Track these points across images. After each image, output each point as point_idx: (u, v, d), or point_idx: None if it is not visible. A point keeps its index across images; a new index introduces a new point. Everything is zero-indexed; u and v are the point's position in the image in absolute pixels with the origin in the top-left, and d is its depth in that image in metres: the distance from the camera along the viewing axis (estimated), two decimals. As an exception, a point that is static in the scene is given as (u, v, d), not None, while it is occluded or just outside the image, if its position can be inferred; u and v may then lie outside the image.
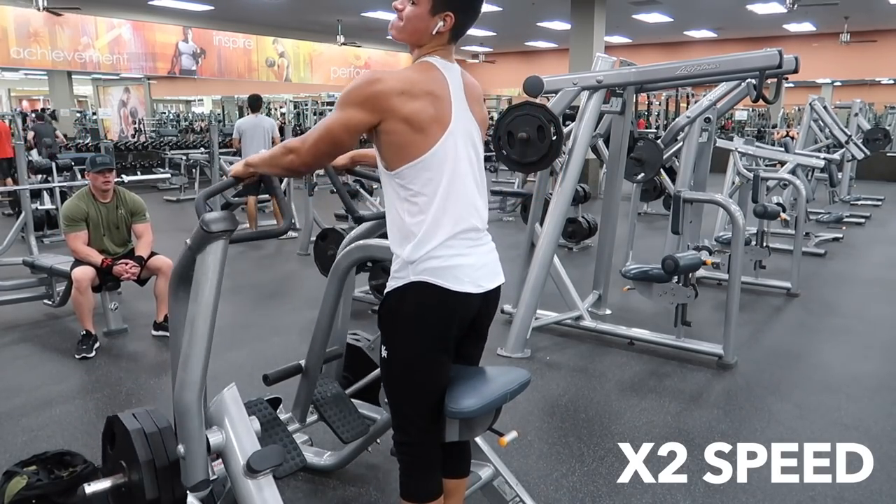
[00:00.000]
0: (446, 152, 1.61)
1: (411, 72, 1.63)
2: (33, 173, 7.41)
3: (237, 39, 16.53)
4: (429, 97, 1.59)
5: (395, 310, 1.66)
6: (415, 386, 1.69)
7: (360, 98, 1.56)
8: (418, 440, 1.74)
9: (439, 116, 1.60)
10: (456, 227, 1.63)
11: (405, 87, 1.57)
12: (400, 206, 1.63)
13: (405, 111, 1.55)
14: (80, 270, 3.92)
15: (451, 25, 1.62)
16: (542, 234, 4.07)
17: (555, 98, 4.06)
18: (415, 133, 1.57)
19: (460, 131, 1.64)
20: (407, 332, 1.65)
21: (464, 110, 1.67)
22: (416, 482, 1.77)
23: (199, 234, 1.66)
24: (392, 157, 1.61)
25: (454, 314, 1.66)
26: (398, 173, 1.60)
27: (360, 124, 1.58)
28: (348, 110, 1.57)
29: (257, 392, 2.46)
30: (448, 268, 1.61)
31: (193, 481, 1.61)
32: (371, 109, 1.56)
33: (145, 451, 1.67)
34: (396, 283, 1.65)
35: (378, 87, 1.55)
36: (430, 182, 1.60)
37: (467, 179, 1.66)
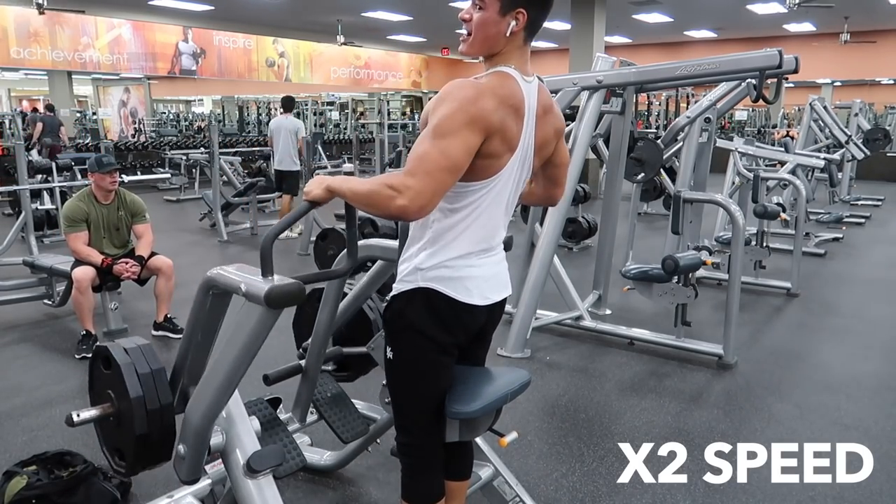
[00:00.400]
0: (509, 176, 1.56)
1: (496, 83, 1.50)
2: (33, 173, 7.41)
3: (237, 39, 16.53)
4: (514, 114, 1.50)
5: (402, 313, 1.64)
6: (418, 388, 1.69)
7: (469, 118, 1.41)
8: (420, 442, 1.74)
9: (517, 137, 1.53)
10: (476, 246, 1.60)
11: (500, 102, 1.46)
12: (433, 213, 1.53)
13: (504, 129, 1.46)
14: (81, 270, 3.92)
15: (524, 23, 1.52)
16: (542, 234, 4.07)
17: (555, 98, 4.06)
18: (507, 152, 1.50)
19: (520, 154, 1.57)
20: (412, 336, 1.64)
21: (531, 130, 1.57)
22: (417, 484, 1.77)
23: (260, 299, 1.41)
24: (468, 172, 1.47)
25: (461, 323, 1.65)
26: (460, 184, 1.49)
27: (476, 147, 1.42)
28: (463, 133, 1.39)
29: (257, 392, 2.45)
30: (458, 278, 1.59)
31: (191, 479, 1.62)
32: (481, 129, 1.42)
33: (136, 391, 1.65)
34: (404, 287, 1.62)
35: (482, 104, 1.42)
36: (472, 203, 1.54)
37: (503, 203, 1.61)
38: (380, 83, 20.76)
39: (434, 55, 21.40)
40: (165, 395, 1.68)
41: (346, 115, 19.90)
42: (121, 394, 1.67)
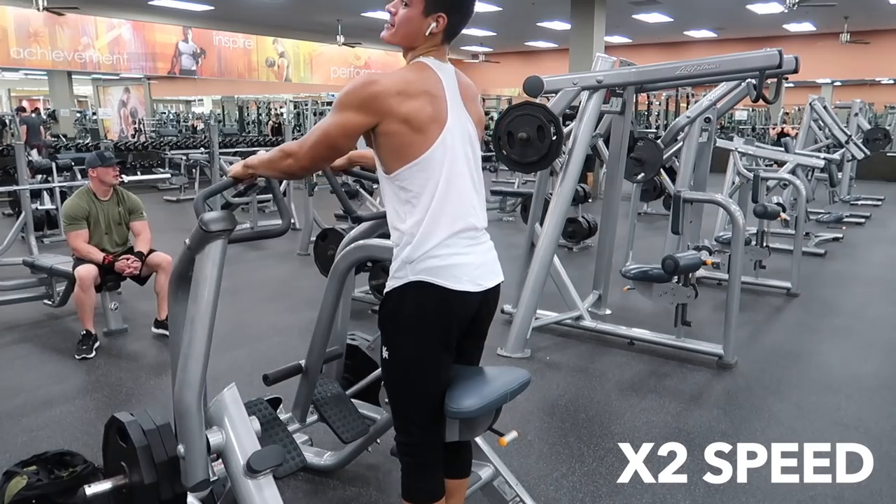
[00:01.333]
0: (444, 152, 1.61)
1: (406, 72, 1.64)
2: (33, 173, 7.41)
3: (237, 39, 16.53)
4: (425, 96, 1.59)
5: (395, 310, 1.66)
6: (416, 386, 1.69)
7: (356, 100, 1.56)
8: (420, 440, 1.74)
9: (436, 116, 1.60)
10: (454, 227, 1.63)
11: (401, 88, 1.57)
12: (399, 207, 1.64)
13: (403, 111, 1.56)
14: (84, 268, 3.92)
15: (443, 26, 1.63)
16: (542, 234, 4.07)
17: (555, 98, 4.06)
18: (414, 133, 1.57)
19: (457, 130, 1.64)
20: (407, 333, 1.65)
21: (460, 109, 1.67)
22: (417, 483, 1.77)
23: (198, 233, 1.66)
24: (391, 160, 1.61)
25: (454, 313, 1.66)
26: (397, 175, 1.61)
27: (358, 127, 1.58)
28: (345, 113, 1.57)
29: (257, 392, 2.45)
30: (447, 266, 1.61)
31: (194, 481, 1.61)
32: (368, 111, 1.56)
33: (141, 441, 1.66)
34: (395, 284, 1.65)
35: (374, 88, 1.55)
36: (428, 182, 1.60)
37: (464, 178, 1.66)
38: (380, 83, 20.69)
39: (434, 55, 21.37)
40: (172, 448, 1.68)
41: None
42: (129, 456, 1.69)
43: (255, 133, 18.22)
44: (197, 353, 1.62)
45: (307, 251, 6.28)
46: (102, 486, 1.73)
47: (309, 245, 6.15)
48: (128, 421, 1.71)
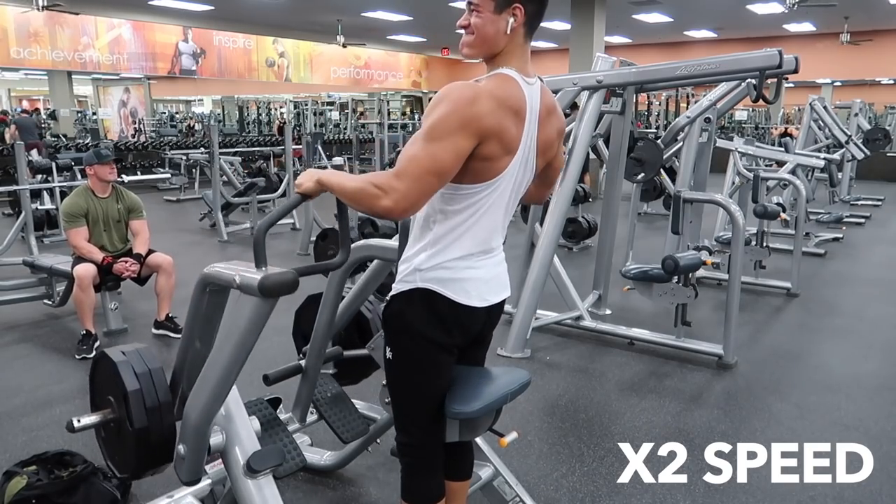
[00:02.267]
0: (511, 178, 1.55)
1: (495, 85, 1.49)
2: (33, 173, 7.41)
3: (237, 39, 16.53)
4: (514, 116, 1.49)
5: (401, 313, 1.64)
6: (418, 388, 1.69)
7: (463, 121, 1.40)
8: (420, 441, 1.74)
9: (518, 139, 1.52)
10: (473, 249, 1.60)
11: (498, 104, 1.45)
12: (432, 214, 1.57)
13: (501, 131, 1.44)
14: (83, 267, 3.92)
15: (522, 19, 1.51)
16: (542, 234, 4.07)
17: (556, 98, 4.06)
18: (506, 154, 1.49)
19: (521, 156, 1.56)
20: (411, 336, 1.64)
21: (533, 133, 1.57)
22: (418, 484, 1.76)
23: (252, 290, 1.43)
24: (463, 173, 1.47)
25: (458, 325, 1.65)
26: (457, 187, 1.51)
27: (469, 150, 1.41)
28: (455, 137, 1.39)
29: (257, 392, 2.45)
30: (457, 279, 1.59)
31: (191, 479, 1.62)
32: (475, 133, 1.41)
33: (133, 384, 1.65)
34: (403, 287, 1.62)
35: (479, 107, 1.41)
36: (472, 205, 1.54)
37: (502, 206, 1.61)
38: (380, 83, 20.76)
39: (434, 55, 21.40)
40: (164, 392, 1.68)
41: (346, 115, 19.90)
42: (119, 393, 1.67)
43: (255, 133, 18.20)
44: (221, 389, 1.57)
45: (307, 251, 6.28)
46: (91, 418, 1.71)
47: (309, 245, 6.15)
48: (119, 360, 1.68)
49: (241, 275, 1.44)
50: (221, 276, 1.53)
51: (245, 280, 1.43)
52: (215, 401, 1.59)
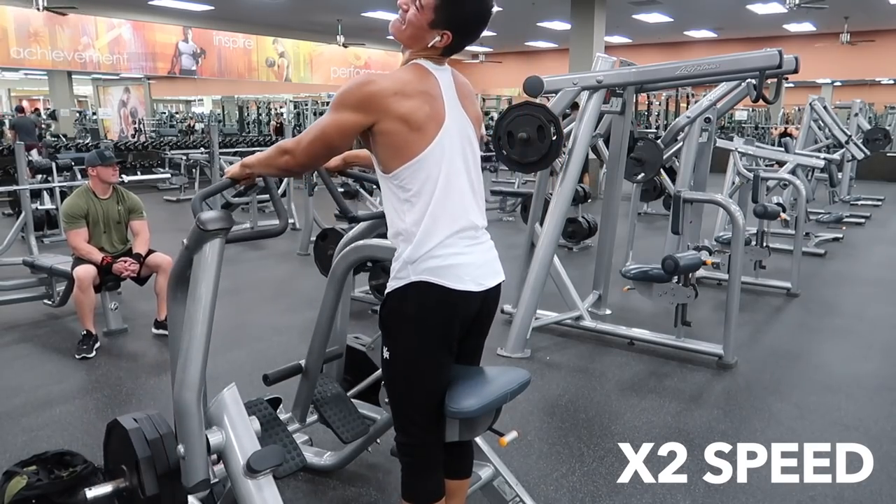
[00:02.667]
0: (442, 150, 1.61)
1: (403, 73, 1.64)
2: (33, 173, 7.41)
3: (237, 39, 16.53)
4: (422, 96, 1.60)
5: (397, 310, 1.66)
6: (416, 386, 1.69)
7: (353, 100, 1.57)
8: (419, 441, 1.74)
9: (434, 115, 1.61)
10: (454, 226, 1.63)
11: (399, 88, 1.58)
12: (398, 206, 1.64)
13: (401, 110, 1.56)
14: (83, 269, 3.92)
15: (446, 43, 1.64)
16: (542, 234, 4.07)
17: (555, 98, 4.06)
18: (412, 132, 1.58)
19: (455, 130, 1.65)
20: (408, 333, 1.66)
21: (457, 108, 1.68)
22: (417, 483, 1.77)
23: (196, 232, 1.66)
24: (389, 159, 1.61)
25: (455, 313, 1.66)
26: (396, 174, 1.61)
27: (355, 126, 1.59)
28: (342, 112, 1.58)
29: (257, 392, 2.45)
30: (448, 266, 1.62)
31: (194, 481, 1.61)
32: (365, 111, 1.57)
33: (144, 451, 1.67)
34: (397, 284, 1.65)
35: (371, 87, 1.56)
36: (427, 181, 1.60)
37: (462, 177, 1.67)
38: (380, 83, 20.71)
39: (434, 55, 21.39)
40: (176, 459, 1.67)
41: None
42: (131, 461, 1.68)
43: (256, 133, 18.20)
44: (196, 352, 1.62)
45: (307, 251, 6.28)
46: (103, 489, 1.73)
47: (309, 245, 6.15)
48: (131, 428, 1.70)
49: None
50: (178, 260, 1.80)
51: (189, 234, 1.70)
52: (196, 366, 1.62)
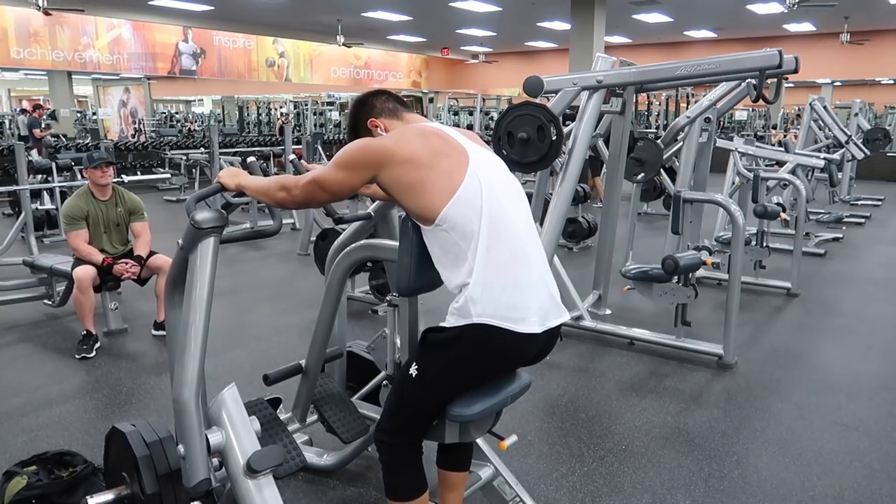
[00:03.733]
0: (479, 184, 1.60)
1: (395, 130, 1.74)
2: (33, 173, 7.41)
3: (237, 39, 16.55)
4: (420, 136, 1.65)
5: (447, 345, 1.63)
6: (426, 407, 1.71)
7: (350, 161, 1.63)
8: (406, 442, 1.75)
9: (448, 151, 1.62)
10: (514, 264, 1.61)
11: (395, 138, 1.65)
12: (445, 249, 1.62)
13: (401, 154, 1.59)
14: (82, 269, 3.92)
15: (385, 122, 1.78)
16: (542, 234, 4.07)
17: (555, 98, 4.06)
18: (421, 168, 1.58)
19: (483, 160, 1.67)
20: (449, 370, 1.65)
21: (470, 143, 1.70)
22: (399, 480, 1.77)
23: (190, 231, 1.68)
24: (416, 202, 1.60)
25: (514, 356, 1.65)
26: (440, 219, 1.58)
27: (356, 181, 1.65)
28: (342, 171, 1.64)
29: (257, 392, 2.46)
30: (515, 308, 1.59)
31: (194, 481, 1.61)
32: (363, 167, 1.62)
33: (143, 451, 1.67)
34: (457, 322, 1.61)
35: (366, 146, 1.64)
36: (471, 219, 1.58)
37: (509, 208, 1.65)
38: (380, 83, 20.76)
39: (434, 55, 21.41)
40: (175, 461, 1.68)
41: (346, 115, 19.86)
42: (130, 464, 1.69)
43: (255, 133, 18.20)
44: (193, 350, 1.63)
45: (307, 251, 6.28)
46: (104, 497, 1.73)
47: (309, 245, 6.15)
48: (129, 431, 1.70)
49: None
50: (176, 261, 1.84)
51: (185, 233, 1.73)
52: (194, 363, 1.62)
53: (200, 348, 1.64)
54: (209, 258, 1.68)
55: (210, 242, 1.68)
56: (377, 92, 1.86)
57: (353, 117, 1.84)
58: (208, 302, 1.66)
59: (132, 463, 1.67)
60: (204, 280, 1.66)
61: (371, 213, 2.29)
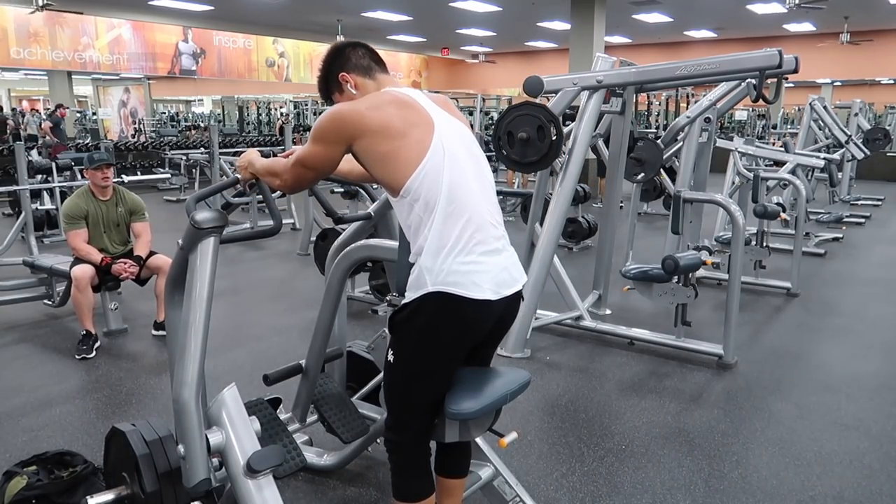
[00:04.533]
0: (443, 154, 1.60)
1: (369, 95, 1.72)
2: (33, 173, 7.41)
3: (237, 39, 16.54)
4: (393, 104, 1.63)
5: (410, 319, 1.63)
6: (416, 392, 1.70)
7: (327, 131, 1.64)
8: (412, 441, 1.75)
9: (418, 120, 1.62)
10: (468, 231, 1.60)
11: (367, 104, 1.63)
12: (414, 223, 1.62)
13: (374, 121, 1.59)
14: (80, 269, 3.92)
15: (356, 78, 1.76)
16: (542, 234, 4.07)
17: (555, 98, 4.06)
18: (396, 139, 1.58)
19: (450, 131, 1.66)
20: (418, 344, 1.65)
21: (440, 112, 1.69)
22: (407, 482, 1.77)
23: (190, 231, 1.69)
24: (389, 175, 1.61)
25: (472, 324, 1.64)
26: (405, 190, 1.59)
27: (334, 152, 1.65)
28: (319, 144, 1.65)
29: (257, 392, 2.46)
30: (465, 273, 1.58)
31: (194, 481, 1.61)
32: (340, 135, 1.62)
33: (142, 450, 1.67)
34: (413, 294, 1.62)
35: (340, 114, 1.63)
36: (434, 188, 1.58)
37: (471, 181, 1.65)
38: (380, 83, 20.70)
39: (434, 55, 21.40)
40: (176, 459, 1.67)
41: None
42: (130, 463, 1.69)
43: (255, 133, 18.19)
44: (193, 350, 1.63)
45: (307, 251, 6.28)
46: (104, 497, 1.73)
47: (309, 245, 6.15)
48: (129, 431, 1.71)
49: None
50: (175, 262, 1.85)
51: (185, 233, 1.74)
52: (194, 362, 1.62)
53: (200, 348, 1.64)
54: (209, 258, 1.68)
55: (210, 242, 1.69)
56: (355, 44, 1.82)
57: (326, 66, 1.81)
58: (208, 302, 1.66)
59: (132, 462, 1.67)
60: (204, 280, 1.66)
61: (371, 213, 2.29)
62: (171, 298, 1.88)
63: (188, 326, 1.63)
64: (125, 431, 1.71)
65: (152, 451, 1.68)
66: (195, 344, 1.63)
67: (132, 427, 1.73)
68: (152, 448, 1.68)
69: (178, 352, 1.66)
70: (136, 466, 1.67)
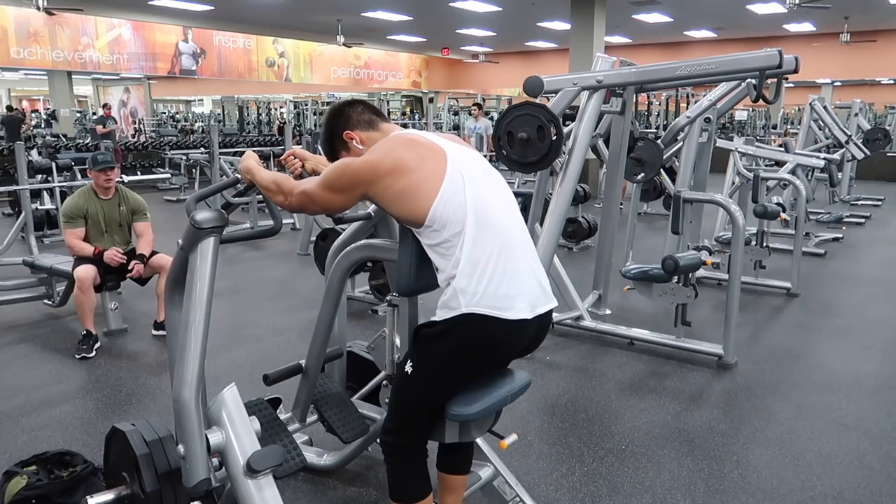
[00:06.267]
0: (462, 178, 1.61)
1: (378, 143, 1.71)
2: (33, 173, 7.41)
3: (237, 39, 16.55)
4: (403, 145, 1.64)
5: (438, 339, 1.63)
6: (426, 403, 1.71)
7: (338, 185, 1.65)
8: (410, 444, 1.75)
9: (428, 153, 1.63)
10: (502, 255, 1.60)
11: (378, 153, 1.63)
12: (438, 247, 1.62)
13: (387, 165, 1.60)
14: (83, 269, 3.92)
15: (360, 134, 1.77)
16: (542, 234, 4.07)
17: (555, 98, 4.06)
18: (413, 172, 1.58)
19: (461, 155, 1.67)
20: (442, 362, 1.65)
21: (447, 142, 1.70)
22: (404, 483, 1.77)
23: (190, 231, 1.69)
24: (411, 209, 1.60)
25: (503, 346, 1.65)
26: (429, 220, 1.58)
27: (346, 201, 1.68)
28: (331, 193, 1.66)
29: (257, 392, 2.46)
30: (503, 298, 1.58)
31: (194, 481, 1.61)
32: (351, 189, 1.64)
33: (142, 450, 1.67)
34: (445, 315, 1.61)
35: (352, 170, 1.64)
36: (458, 212, 1.58)
37: (491, 198, 1.66)
38: (380, 83, 20.78)
39: (434, 55, 21.40)
40: (175, 460, 1.68)
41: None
42: (130, 463, 1.69)
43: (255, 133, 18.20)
44: (193, 350, 1.63)
45: (307, 251, 6.27)
46: (104, 497, 1.73)
47: (309, 245, 6.14)
48: (129, 430, 1.71)
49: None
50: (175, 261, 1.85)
51: (184, 233, 1.75)
52: (194, 362, 1.63)
53: (200, 348, 1.64)
54: (209, 258, 1.68)
55: (210, 242, 1.70)
56: (353, 102, 1.85)
57: (329, 128, 1.83)
58: (208, 302, 1.66)
59: (132, 462, 1.68)
60: (204, 280, 1.67)
61: (371, 213, 2.29)
62: (171, 298, 1.88)
63: (188, 326, 1.63)
64: (125, 431, 1.71)
65: (152, 451, 1.68)
66: (195, 344, 1.63)
67: (132, 427, 1.73)
68: (152, 448, 1.68)
69: (178, 352, 1.66)
70: (136, 466, 1.67)
